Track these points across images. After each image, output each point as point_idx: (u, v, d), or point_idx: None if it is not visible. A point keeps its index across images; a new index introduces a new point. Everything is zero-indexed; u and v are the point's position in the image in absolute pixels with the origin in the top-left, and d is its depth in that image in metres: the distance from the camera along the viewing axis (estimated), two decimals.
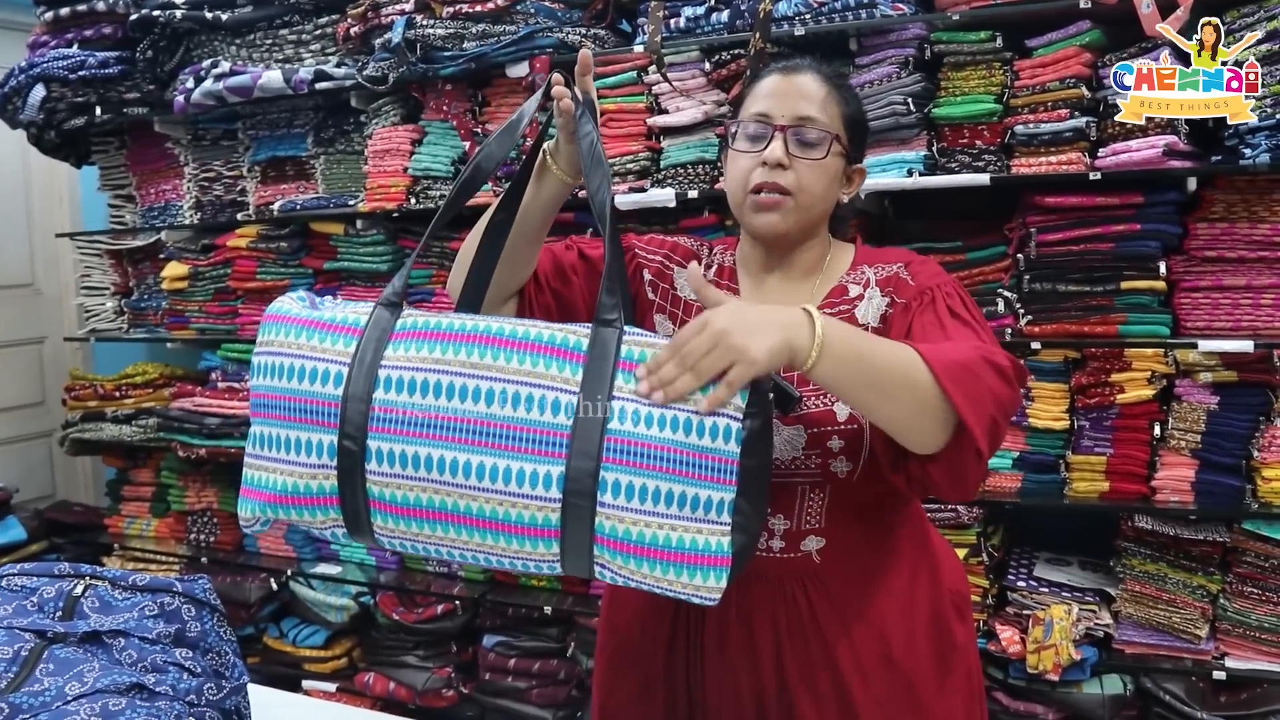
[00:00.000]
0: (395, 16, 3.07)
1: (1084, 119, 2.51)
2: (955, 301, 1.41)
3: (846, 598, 1.50)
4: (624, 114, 2.96)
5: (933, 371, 1.20)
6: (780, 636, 1.51)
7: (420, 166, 3.19)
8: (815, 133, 1.45)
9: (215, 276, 3.69)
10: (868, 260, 1.53)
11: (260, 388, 1.32)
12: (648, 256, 1.60)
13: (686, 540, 1.16)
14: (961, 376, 1.22)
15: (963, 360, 1.24)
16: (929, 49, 2.65)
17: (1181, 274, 2.56)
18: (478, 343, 1.23)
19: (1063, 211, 2.58)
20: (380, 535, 1.27)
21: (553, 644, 3.19)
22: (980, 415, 1.22)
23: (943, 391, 1.20)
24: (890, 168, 2.66)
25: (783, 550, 1.49)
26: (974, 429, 1.21)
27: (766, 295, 1.54)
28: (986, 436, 1.23)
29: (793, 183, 1.44)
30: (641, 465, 1.16)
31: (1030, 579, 2.77)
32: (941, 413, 1.22)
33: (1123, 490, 2.64)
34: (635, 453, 1.16)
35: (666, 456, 1.15)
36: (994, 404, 1.25)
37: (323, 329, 1.30)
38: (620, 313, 1.23)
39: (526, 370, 1.20)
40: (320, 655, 3.49)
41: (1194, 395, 2.57)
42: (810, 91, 1.47)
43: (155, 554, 3.81)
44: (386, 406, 1.22)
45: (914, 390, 1.21)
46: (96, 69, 3.57)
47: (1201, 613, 2.58)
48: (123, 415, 3.84)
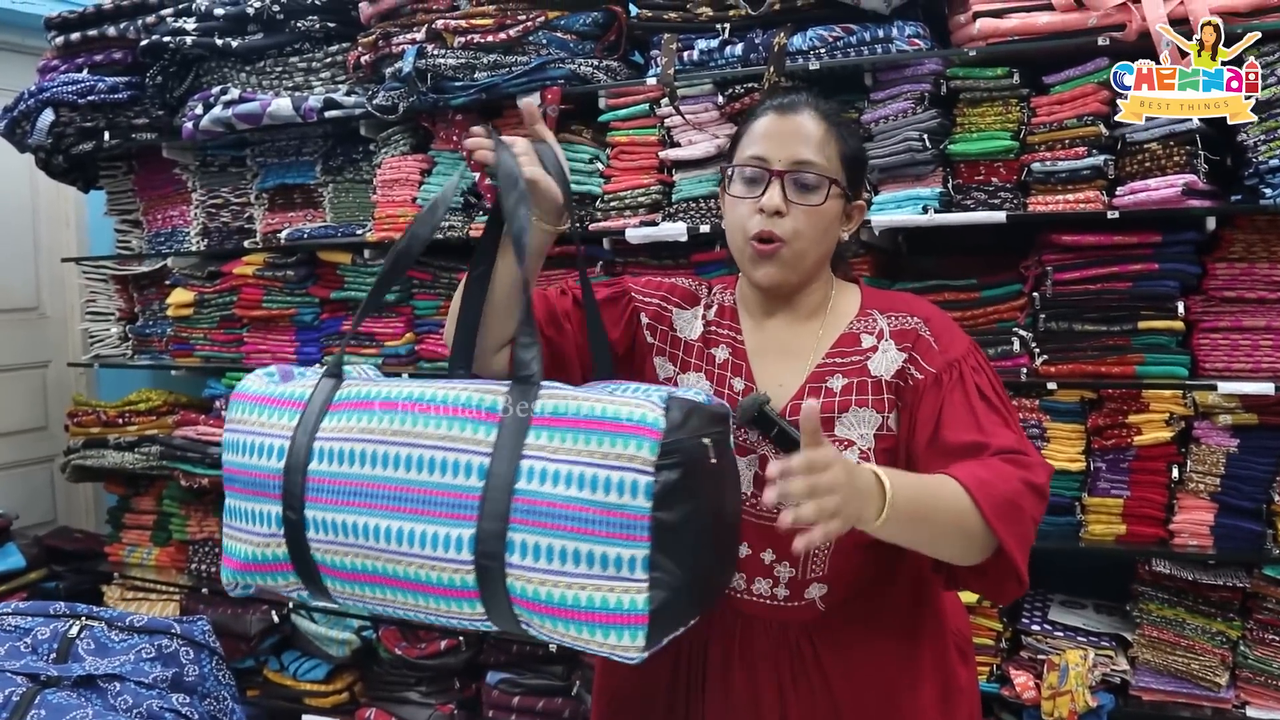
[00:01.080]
0: (406, 46, 3.05)
1: (1102, 157, 2.48)
2: (983, 378, 1.42)
3: (848, 642, 1.48)
4: (636, 147, 2.94)
5: (983, 516, 1.24)
6: (783, 683, 1.48)
7: (429, 197, 3.16)
8: (813, 177, 1.42)
9: (221, 304, 3.66)
10: (877, 305, 1.51)
11: (226, 462, 1.39)
12: (645, 300, 1.57)
13: (598, 599, 1.14)
14: (1009, 514, 1.27)
15: (1009, 495, 1.28)
16: (945, 85, 2.63)
17: (1200, 314, 2.53)
18: (399, 410, 1.26)
19: (1080, 250, 2.55)
20: (337, 597, 1.33)
21: (557, 682, 3.13)
22: (1024, 548, 1.29)
23: (992, 531, 1.25)
24: (905, 204, 2.63)
25: (787, 599, 1.47)
26: (1019, 565, 1.27)
27: (769, 337, 1.52)
28: (1025, 563, 1.29)
29: (789, 230, 1.41)
30: (548, 525, 1.15)
31: (1045, 622, 2.72)
32: (989, 547, 1.28)
33: (1140, 533, 2.59)
34: (542, 513, 1.15)
35: (573, 515, 1.14)
36: (1034, 528, 1.32)
37: (272, 405, 1.36)
38: (538, 367, 1.24)
39: (441, 434, 1.22)
40: (321, 689, 3.43)
41: (1213, 438, 2.53)
42: (808, 133, 1.43)
43: (155, 583, 3.76)
44: (319, 477, 1.27)
45: (966, 536, 1.27)
46: (106, 94, 3.56)
47: (1221, 660, 2.53)
48: (125, 442, 3.80)
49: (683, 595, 1.17)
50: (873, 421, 1.43)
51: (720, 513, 1.27)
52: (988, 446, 1.33)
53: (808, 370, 1.47)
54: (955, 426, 1.36)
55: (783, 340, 1.50)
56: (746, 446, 1.46)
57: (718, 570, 1.32)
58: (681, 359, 1.55)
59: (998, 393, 1.41)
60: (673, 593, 1.15)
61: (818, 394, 1.44)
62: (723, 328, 1.54)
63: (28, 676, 1.43)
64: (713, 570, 1.29)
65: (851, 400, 1.43)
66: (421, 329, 3.32)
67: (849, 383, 1.44)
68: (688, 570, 1.17)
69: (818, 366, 1.46)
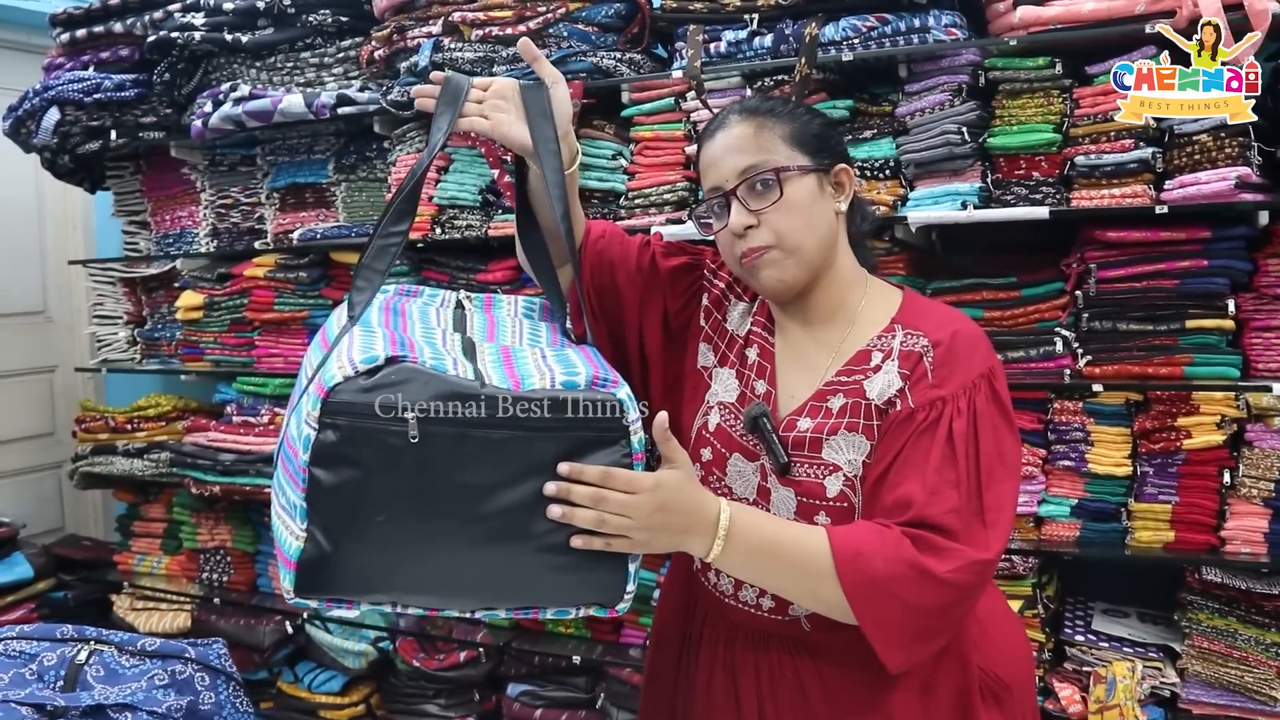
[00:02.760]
0: (422, 39, 2.97)
1: (1149, 149, 2.38)
2: (962, 422, 1.29)
3: (840, 676, 1.39)
4: (661, 142, 2.84)
5: (843, 589, 1.21)
6: (763, 694, 1.43)
7: (446, 195, 3.08)
8: (759, 176, 1.37)
9: (231, 307, 3.57)
10: (905, 319, 1.41)
11: None
12: (713, 282, 1.55)
13: (281, 537, 1.17)
14: (873, 596, 1.21)
15: (882, 576, 1.21)
16: (983, 76, 2.53)
17: (1251, 312, 2.43)
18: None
19: (1125, 247, 2.45)
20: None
21: (581, 694, 3.04)
22: (890, 633, 1.23)
23: (849, 605, 1.22)
24: (943, 200, 2.53)
25: (771, 611, 1.42)
26: (878, 648, 1.23)
27: (794, 343, 1.46)
28: (899, 652, 1.24)
29: (769, 235, 1.36)
30: (283, 463, 1.18)
31: (1089, 632, 2.63)
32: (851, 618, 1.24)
33: (1189, 540, 2.49)
34: (285, 455, 1.18)
35: (287, 455, 1.16)
36: (914, 615, 1.23)
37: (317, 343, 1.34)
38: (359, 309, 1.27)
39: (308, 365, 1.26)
40: (337, 702, 3.35)
41: (1267, 441, 2.43)
42: (739, 138, 1.39)
43: (166, 593, 3.68)
44: None
45: (820, 600, 1.25)
46: (112, 92, 3.47)
47: (1276, 672, 2.42)
48: (134, 449, 3.73)
49: (340, 560, 1.12)
50: (861, 447, 1.35)
51: (441, 500, 1.12)
52: (908, 510, 1.24)
53: (816, 385, 1.41)
54: (899, 476, 1.28)
55: (805, 349, 1.45)
56: (753, 452, 1.42)
57: (427, 557, 1.14)
58: (723, 352, 1.51)
59: (978, 442, 1.29)
60: (321, 553, 1.12)
61: (818, 412, 1.38)
62: (759, 326, 1.50)
63: (34, 707, 1.35)
64: (425, 559, 1.14)
65: (844, 423, 1.36)
66: None
67: (846, 404, 1.37)
68: (344, 538, 1.12)
69: (825, 383, 1.40)
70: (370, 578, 1.14)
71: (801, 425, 1.38)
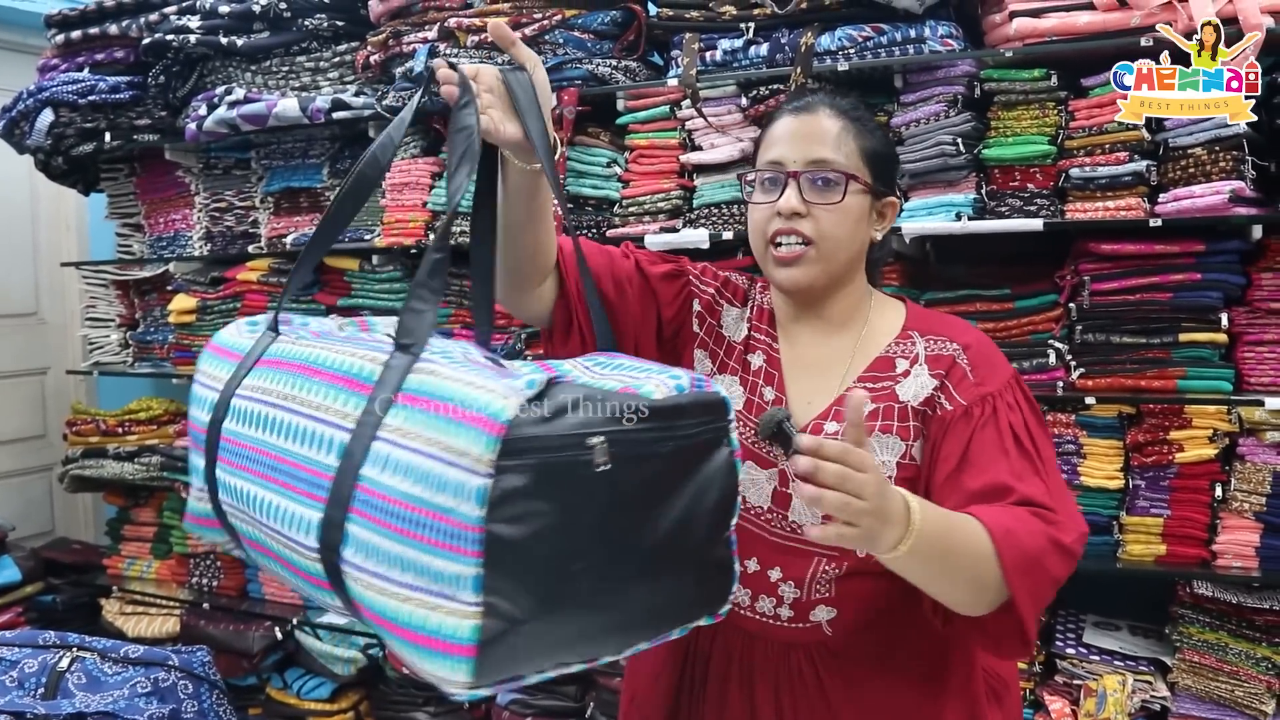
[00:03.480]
0: (418, 45, 2.96)
1: (1144, 162, 2.38)
2: (1018, 416, 1.33)
3: (861, 678, 1.40)
4: (656, 150, 2.84)
5: (1002, 567, 1.17)
6: (782, 705, 1.42)
7: (440, 201, 3.07)
8: (830, 174, 1.37)
9: (224, 310, 3.56)
10: (918, 327, 1.44)
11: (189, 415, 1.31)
12: (701, 287, 1.53)
13: (419, 617, 0.94)
14: (1029, 570, 1.19)
15: (1033, 551, 1.20)
16: (979, 87, 2.53)
17: (1245, 326, 2.43)
18: (291, 371, 1.12)
19: (1119, 259, 2.45)
20: (253, 565, 1.23)
21: (570, 703, 3.03)
22: (1037, 608, 1.21)
23: (1007, 584, 1.18)
24: (938, 211, 2.53)
25: (791, 620, 1.40)
26: (1028, 625, 1.20)
27: (803, 350, 1.46)
28: (1035, 625, 1.22)
29: (812, 230, 1.37)
30: (382, 522, 0.97)
31: (1080, 645, 2.62)
32: (999, 600, 1.20)
33: (1181, 554, 2.49)
34: (378, 506, 0.97)
35: (405, 515, 0.95)
36: (1053, 589, 1.24)
37: (221, 356, 1.25)
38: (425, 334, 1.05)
39: (316, 402, 1.07)
40: (326, 709, 3.33)
41: (1259, 455, 2.43)
42: (823, 130, 1.39)
43: (155, 597, 3.66)
44: (227, 435, 1.17)
45: (979, 584, 1.19)
46: (107, 94, 3.46)
47: (1267, 687, 2.42)
48: (125, 452, 3.71)
49: (532, 630, 0.93)
50: (896, 449, 1.37)
51: (623, 533, 1.00)
52: (1012, 492, 1.25)
53: (837, 391, 1.41)
54: (979, 466, 1.29)
55: (817, 355, 1.45)
56: (768, 460, 1.41)
57: (610, 599, 1.01)
58: (721, 358, 1.51)
59: (1033, 435, 1.32)
60: (512, 625, 0.92)
61: (843, 418, 1.35)
62: (760, 332, 1.50)
63: (13, 715, 1.34)
64: (607, 604, 1.01)
65: (877, 425, 1.37)
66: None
67: (876, 408, 1.37)
68: (541, 601, 0.94)
69: (847, 389, 1.40)
70: (562, 639, 0.98)
71: (829, 429, 1.38)
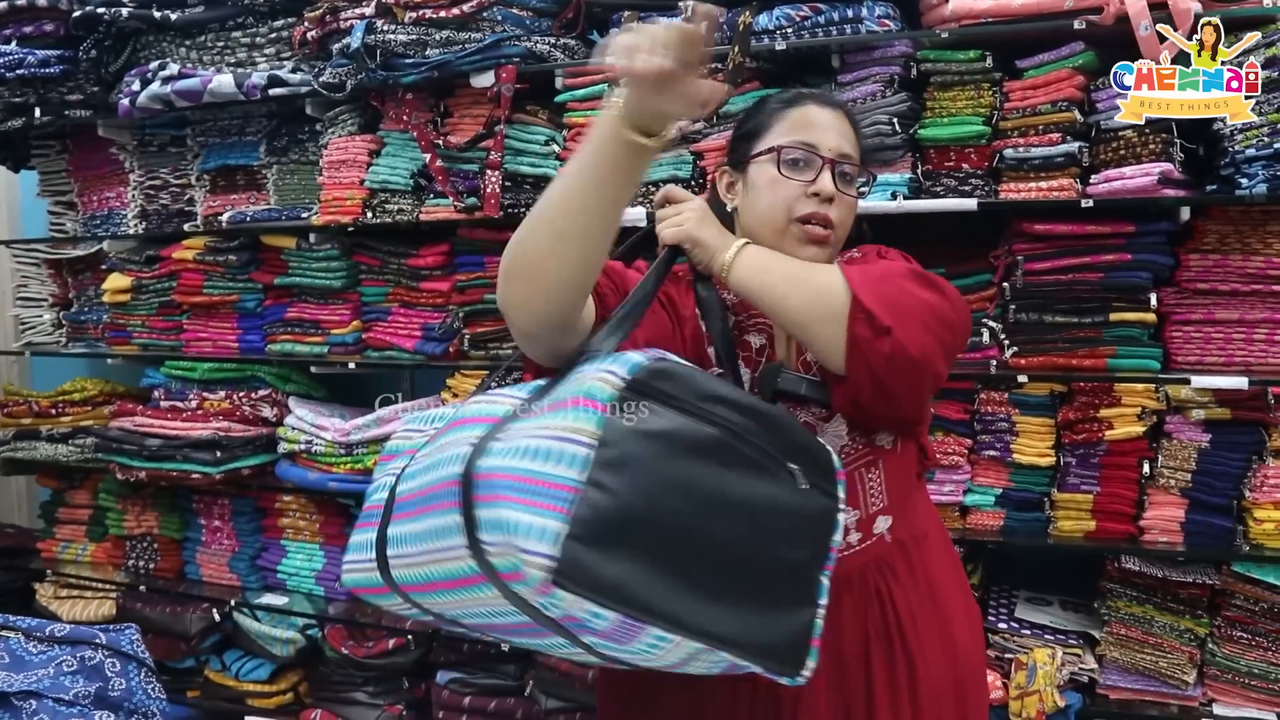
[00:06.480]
0: (355, 21, 2.92)
1: (1076, 144, 2.41)
2: (898, 259, 1.49)
3: (907, 571, 1.50)
4: None
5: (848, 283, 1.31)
6: (870, 644, 1.46)
7: (378, 179, 3.04)
8: (854, 170, 1.47)
9: (160, 290, 3.50)
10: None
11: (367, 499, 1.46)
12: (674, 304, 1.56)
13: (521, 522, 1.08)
14: (871, 279, 1.32)
15: (879, 273, 1.36)
16: (915, 67, 2.55)
17: (1173, 306, 2.47)
18: (455, 426, 1.27)
19: (1051, 239, 2.48)
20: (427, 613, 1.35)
21: (510, 682, 3.03)
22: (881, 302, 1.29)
23: (848, 285, 1.31)
24: (874, 190, 2.54)
25: (860, 541, 1.47)
26: (861, 297, 1.29)
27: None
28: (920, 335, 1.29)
29: (836, 217, 1.45)
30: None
31: (1012, 620, 2.67)
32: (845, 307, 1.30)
33: (1109, 530, 2.54)
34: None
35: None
36: (918, 305, 1.32)
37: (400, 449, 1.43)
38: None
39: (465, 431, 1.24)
40: (265, 690, 3.31)
41: (1185, 433, 2.48)
42: (846, 128, 1.49)
43: (91, 580, 3.61)
44: (400, 495, 1.31)
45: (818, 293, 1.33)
46: (36, 68, 3.36)
47: (1189, 657, 2.48)
48: (59, 434, 3.64)
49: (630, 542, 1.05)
50: None
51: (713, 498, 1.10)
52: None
53: None
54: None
55: None
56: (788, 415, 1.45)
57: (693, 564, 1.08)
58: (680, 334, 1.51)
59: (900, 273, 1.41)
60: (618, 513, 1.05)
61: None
62: (743, 312, 1.53)
63: None
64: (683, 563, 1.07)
65: None
66: (369, 316, 3.19)
67: None
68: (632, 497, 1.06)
69: None
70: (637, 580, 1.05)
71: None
